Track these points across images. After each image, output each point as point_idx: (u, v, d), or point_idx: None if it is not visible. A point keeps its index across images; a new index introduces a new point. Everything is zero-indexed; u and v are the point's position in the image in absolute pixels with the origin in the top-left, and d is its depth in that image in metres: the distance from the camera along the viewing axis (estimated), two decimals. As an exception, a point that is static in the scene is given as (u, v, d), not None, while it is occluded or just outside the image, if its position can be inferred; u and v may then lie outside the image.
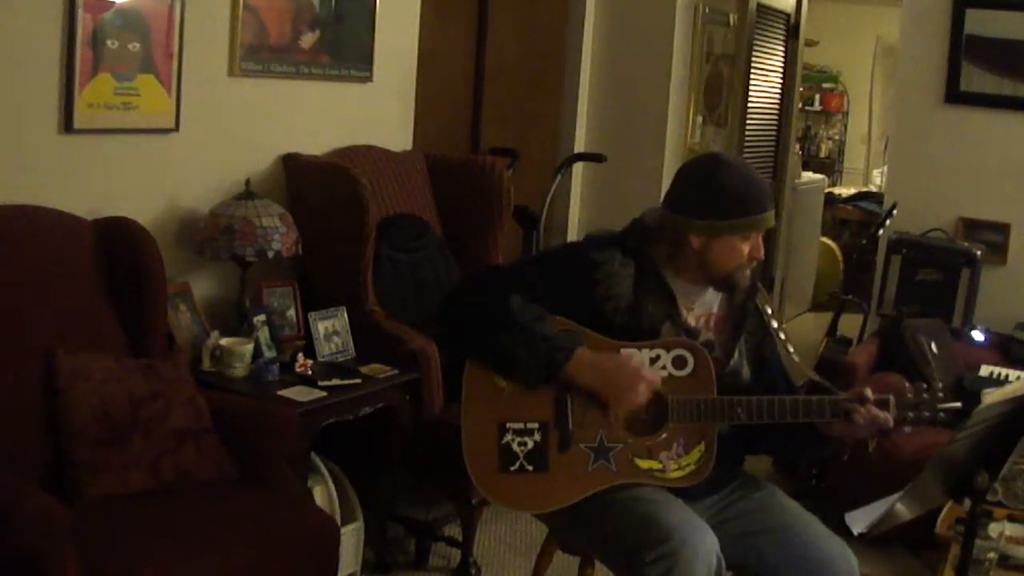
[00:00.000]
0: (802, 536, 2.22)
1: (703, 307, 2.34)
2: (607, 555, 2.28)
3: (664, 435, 2.23)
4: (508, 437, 2.23)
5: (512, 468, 2.22)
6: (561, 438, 2.22)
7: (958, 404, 2.24)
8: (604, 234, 2.43)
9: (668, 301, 2.29)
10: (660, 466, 2.22)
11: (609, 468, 2.22)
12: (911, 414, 2.21)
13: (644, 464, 2.22)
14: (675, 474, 2.22)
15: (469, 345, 2.29)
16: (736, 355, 2.32)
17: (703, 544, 2.06)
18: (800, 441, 2.32)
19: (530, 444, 2.22)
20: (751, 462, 2.46)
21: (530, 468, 2.22)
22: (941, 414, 2.22)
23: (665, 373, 2.23)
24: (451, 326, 2.32)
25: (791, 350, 2.36)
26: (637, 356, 2.22)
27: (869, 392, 2.21)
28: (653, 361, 2.24)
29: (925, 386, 2.25)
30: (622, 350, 2.23)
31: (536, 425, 2.23)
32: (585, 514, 2.24)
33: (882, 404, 2.20)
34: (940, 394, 2.23)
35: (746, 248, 2.28)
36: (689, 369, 2.24)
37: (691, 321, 2.31)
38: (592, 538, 2.32)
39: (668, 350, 2.24)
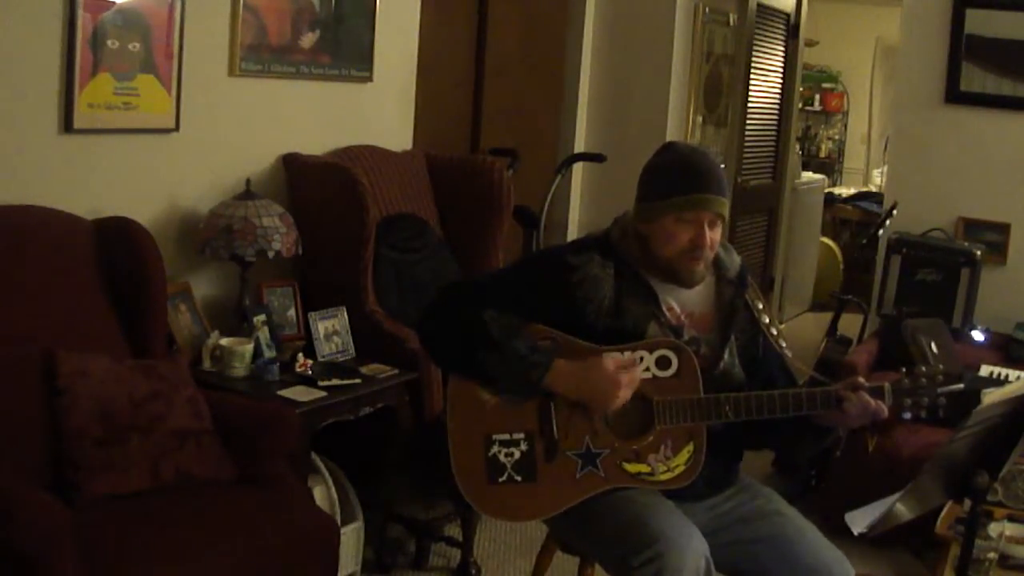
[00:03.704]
0: (799, 545, 2.20)
1: (685, 304, 2.30)
2: (600, 558, 2.29)
3: (651, 438, 2.21)
4: (495, 449, 2.22)
5: (500, 479, 2.21)
6: (547, 447, 2.21)
7: (960, 385, 2.18)
8: (586, 236, 2.41)
9: (650, 299, 2.26)
10: (649, 469, 2.21)
11: (597, 474, 2.21)
12: (909, 400, 2.17)
13: (632, 468, 2.21)
14: (664, 476, 2.21)
15: (448, 362, 2.30)
16: (727, 354, 2.28)
17: (691, 547, 2.05)
18: (796, 433, 2.30)
19: (517, 454, 2.22)
20: (749, 462, 2.45)
21: (518, 479, 2.21)
22: (941, 398, 2.17)
23: (649, 375, 2.21)
24: (429, 344, 2.32)
25: (783, 345, 2.33)
26: (615, 358, 2.18)
27: (862, 380, 2.18)
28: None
29: (923, 369, 2.19)
30: (604, 354, 2.21)
31: (522, 435, 2.22)
32: (577, 518, 2.23)
33: (876, 392, 2.16)
34: (940, 377, 2.18)
35: (684, 233, 2.21)
36: (673, 369, 2.21)
37: (672, 319, 2.28)
38: (585, 541, 2.31)
39: (651, 351, 2.21)
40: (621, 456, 2.21)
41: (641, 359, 2.21)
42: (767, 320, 2.33)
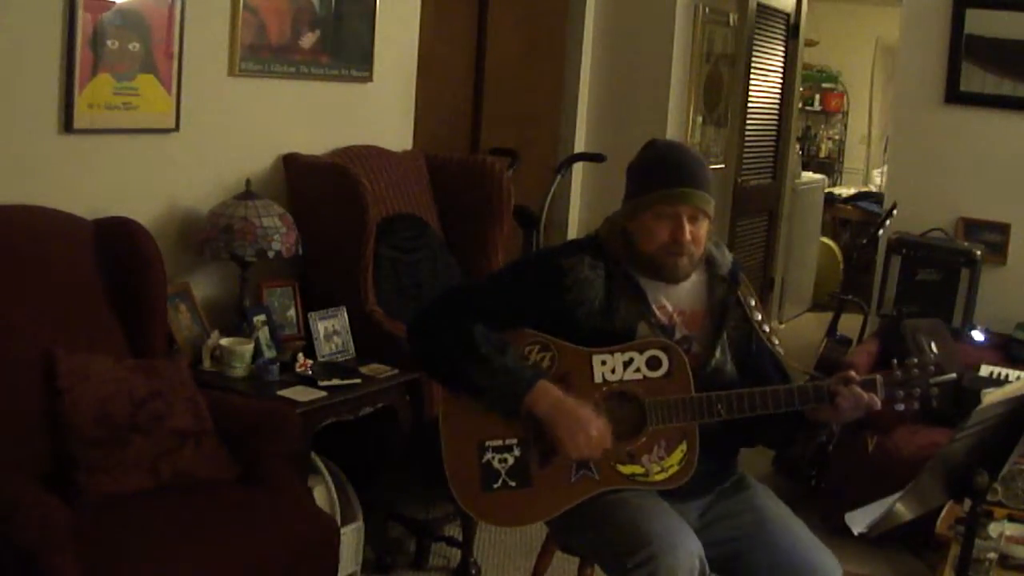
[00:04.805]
0: (786, 544, 2.19)
1: (677, 302, 2.29)
2: (597, 560, 2.29)
3: (644, 438, 2.21)
4: (488, 455, 2.22)
5: (495, 486, 2.21)
6: (541, 452, 2.21)
7: (952, 375, 2.20)
8: (576, 239, 2.41)
9: (640, 299, 2.26)
10: (643, 470, 2.20)
11: (592, 477, 2.20)
12: (901, 392, 2.17)
13: (626, 470, 2.20)
14: (658, 477, 2.20)
15: (437, 374, 2.31)
16: (718, 352, 2.28)
17: (684, 549, 2.05)
18: (789, 429, 2.30)
19: (511, 460, 2.21)
20: (749, 463, 2.45)
21: (513, 484, 2.21)
22: (934, 388, 2.18)
23: (640, 376, 2.21)
24: (419, 354, 2.32)
25: (776, 343, 2.33)
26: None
27: (853, 374, 2.18)
28: (627, 365, 2.21)
29: (915, 361, 2.20)
30: (593, 356, 2.21)
31: (515, 441, 2.22)
32: (574, 520, 2.23)
33: (868, 385, 2.16)
34: (932, 367, 2.19)
35: (663, 229, 2.21)
36: (664, 370, 2.21)
37: (663, 318, 2.27)
38: (582, 543, 2.32)
39: (641, 352, 2.21)
40: (615, 458, 2.20)
41: (631, 360, 2.21)
42: (759, 317, 2.33)
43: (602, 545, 2.18)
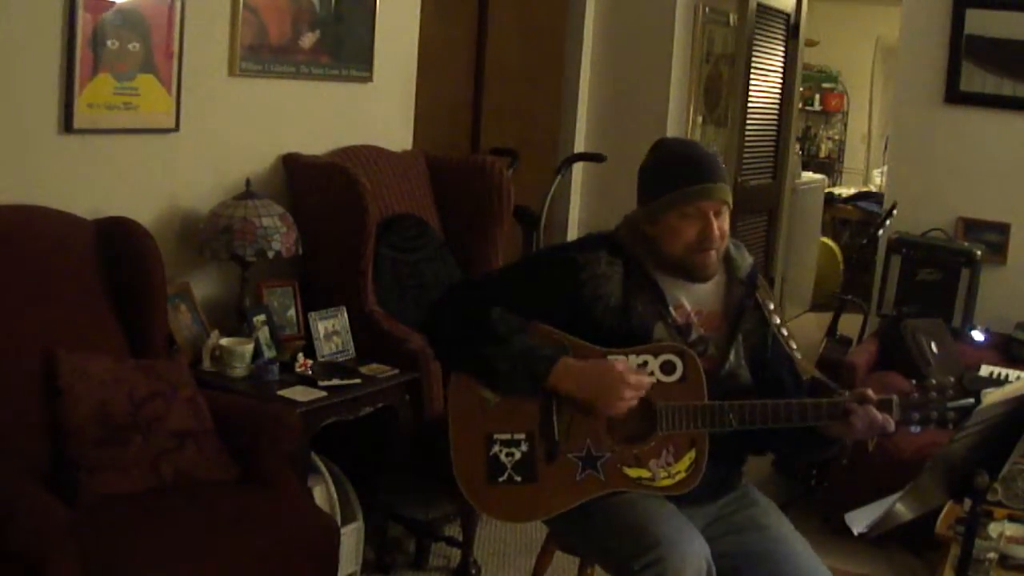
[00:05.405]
0: (786, 564, 2.16)
1: (694, 303, 2.27)
2: (601, 560, 2.28)
3: (653, 443, 2.19)
4: (496, 448, 2.21)
5: (500, 479, 2.21)
6: (548, 448, 2.20)
7: (970, 400, 2.16)
8: (593, 234, 2.38)
9: (658, 300, 2.24)
10: (649, 474, 2.19)
11: (598, 477, 2.19)
12: (916, 415, 2.15)
13: (633, 473, 2.19)
14: (664, 482, 2.19)
15: (454, 360, 2.29)
16: (732, 355, 2.26)
17: (692, 550, 2.04)
18: (799, 442, 2.28)
19: (518, 455, 2.21)
20: (750, 461, 2.45)
21: (518, 479, 2.20)
22: (951, 413, 2.14)
23: (653, 379, 2.19)
24: (435, 342, 2.32)
25: (794, 347, 2.31)
26: (623, 362, 2.17)
27: (871, 393, 2.15)
28: (641, 368, 2.19)
29: (933, 382, 2.17)
30: (608, 357, 2.19)
31: (523, 436, 2.21)
32: (578, 520, 2.22)
33: (884, 405, 2.13)
34: (949, 391, 2.15)
35: (690, 228, 2.19)
36: (678, 374, 2.19)
37: (680, 318, 2.25)
38: (586, 543, 2.31)
39: (656, 355, 2.19)
40: (622, 460, 2.19)
41: (645, 363, 2.20)
42: (778, 321, 2.31)
43: (607, 546, 2.17)
